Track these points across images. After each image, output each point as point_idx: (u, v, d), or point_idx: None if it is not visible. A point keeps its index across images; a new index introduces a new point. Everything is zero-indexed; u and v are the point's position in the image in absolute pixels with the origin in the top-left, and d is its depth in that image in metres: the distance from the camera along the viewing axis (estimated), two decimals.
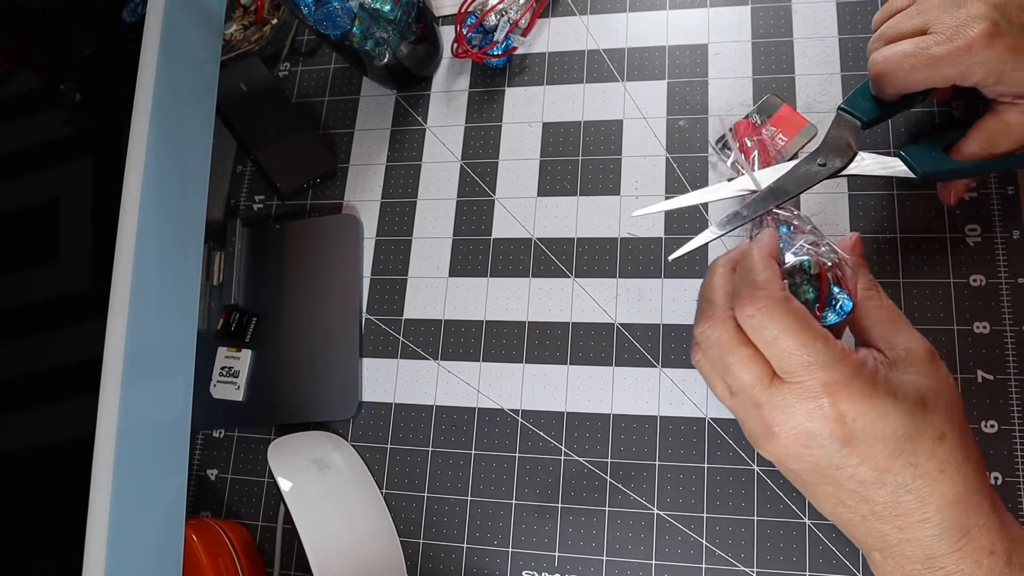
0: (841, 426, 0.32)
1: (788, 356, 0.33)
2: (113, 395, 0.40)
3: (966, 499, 0.32)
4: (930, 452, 0.32)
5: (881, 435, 0.32)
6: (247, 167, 0.64)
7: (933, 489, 0.32)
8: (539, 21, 0.61)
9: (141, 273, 0.43)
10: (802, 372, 0.32)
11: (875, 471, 0.33)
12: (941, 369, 0.35)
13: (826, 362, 0.32)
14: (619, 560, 0.48)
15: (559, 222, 0.56)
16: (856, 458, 0.32)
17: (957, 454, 0.32)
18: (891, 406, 0.32)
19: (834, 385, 0.32)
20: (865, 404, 0.32)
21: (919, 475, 0.32)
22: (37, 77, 0.50)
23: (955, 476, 0.32)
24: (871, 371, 0.33)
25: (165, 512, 0.44)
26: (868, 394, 0.32)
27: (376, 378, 0.56)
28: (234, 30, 0.64)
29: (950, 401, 0.34)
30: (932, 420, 0.32)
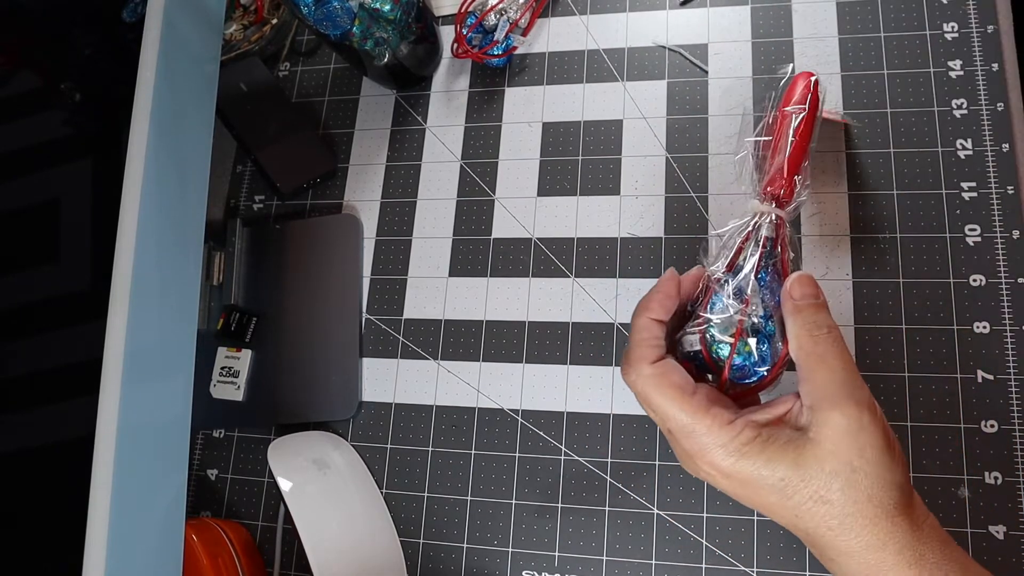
0: (722, 478, 0.35)
1: (662, 421, 0.37)
2: (113, 395, 0.40)
3: (863, 554, 0.33)
4: (811, 513, 0.33)
5: (759, 491, 0.34)
6: (247, 167, 0.64)
7: (825, 540, 0.34)
8: (539, 21, 0.61)
9: (141, 273, 0.43)
10: (677, 434, 0.36)
11: (770, 513, 0.35)
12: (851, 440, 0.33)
13: (692, 431, 0.35)
14: (619, 560, 0.48)
15: (559, 222, 0.56)
16: (747, 500, 0.36)
17: (846, 517, 0.33)
18: (757, 473, 0.34)
19: (702, 451, 0.35)
20: (733, 466, 0.34)
21: (809, 527, 0.34)
22: (37, 77, 0.50)
23: (845, 535, 0.33)
24: (742, 441, 0.34)
25: (165, 512, 0.44)
26: (731, 463, 0.34)
27: (376, 378, 0.56)
28: (234, 30, 0.64)
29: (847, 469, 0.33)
30: (812, 485, 0.33)
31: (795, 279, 0.37)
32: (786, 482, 0.34)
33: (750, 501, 0.36)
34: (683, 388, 0.36)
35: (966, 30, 0.53)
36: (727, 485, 0.36)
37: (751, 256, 0.38)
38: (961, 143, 0.51)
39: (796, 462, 0.34)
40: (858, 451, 0.33)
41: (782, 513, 0.35)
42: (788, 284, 0.37)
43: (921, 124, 0.52)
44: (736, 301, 0.37)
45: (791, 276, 0.37)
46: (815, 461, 0.33)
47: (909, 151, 0.51)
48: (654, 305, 0.39)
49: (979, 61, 0.52)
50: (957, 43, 0.53)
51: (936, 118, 0.52)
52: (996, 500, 0.45)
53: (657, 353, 0.38)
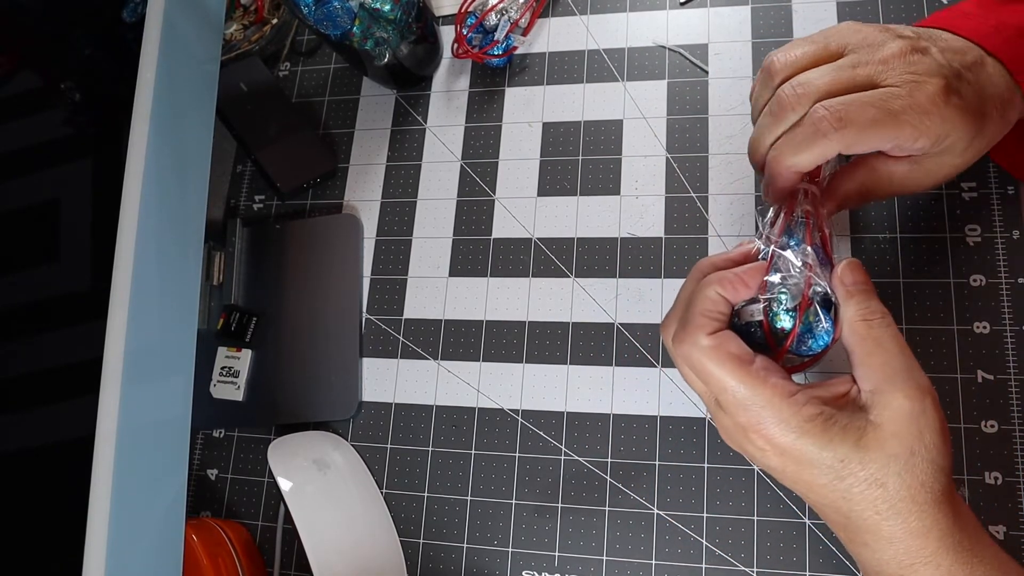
0: (775, 455, 0.35)
1: (719, 394, 0.36)
2: (113, 395, 0.40)
3: (905, 541, 0.33)
4: (862, 495, 0.33)
5: (813, 470, 0.34)
6: (247, 167, 0.64)
7: (868, 525, 0.34)
8: (539, 21, 0.61)
9: (141, 273, 0.43)
10: (731, 408, 0.35)
11: (814, 494, 0.35)
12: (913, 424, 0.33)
13: (750, 404, 0.34)
14: (619, 560, 0.48)
15: (559, 222, 0.56)
16: (793, 480, 0.35)
17: (898, 503, 0.33)
18: (817, 452, 0.33)
19: (759, 425, 0.34)
20: (789, 446, 0.34)
21: (853, 510, 0.34)
22: (37, 77, 0.50)
23: (892, 520, 0.33)
24: (804, 417, 0.34)
25: (165, 512, 0.44)
26: (792, 440, 0.34)
27: (376, 378, 0.56)
28: (234, 30, 0.64)
29: (907, 453, 0.33)
30: (869, 468, 0.33)
31: (846, 265, 0.37)
32: (844, 463, 0.33)
33: (796, 479, 0.35)
34: (742, 358, 0.35)
35: None
36: (778, 463, 0.35)
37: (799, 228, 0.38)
38: None
39: (858, 444, 0.33)
40: (918, 435, 0.33)
41: (828, 495, 0.34)
42: (840, 270, 0.37)
43: None
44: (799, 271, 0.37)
45: (842, 263, 0.37)
46: (876, 444, 0.33)
47: None
48: (728, 285, 0.37)
49: None
50: None
51: None
52: (996, 500, 0.45)
53: (717, 326, 0.36)
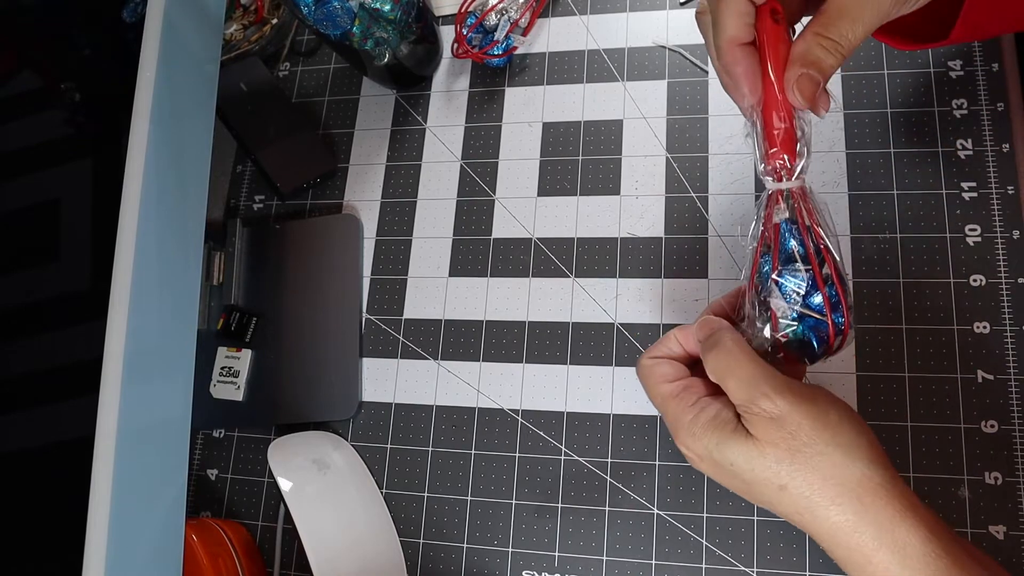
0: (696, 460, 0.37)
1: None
2: (113, 395, 0.40)
3: (839, 537, 0.33)
4: (775, 497, 0.34)
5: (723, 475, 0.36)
6: (247, 167, 0.64)
7: (804, 525, 0.34)
8: (539, 21, 0.61)
9: (141, 273, 0.43)
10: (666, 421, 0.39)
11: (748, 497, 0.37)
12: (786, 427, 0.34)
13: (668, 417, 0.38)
14: (619, 560, 0.48)
15: (559, 222, 0.56)
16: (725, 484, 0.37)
17: (806, 501, 0.33)
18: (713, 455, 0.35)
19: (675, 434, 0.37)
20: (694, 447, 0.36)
21: (782, 512, 0.35)
22: (37, 77, 0.50)
23: (814, 522, 0.34)
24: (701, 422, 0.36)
25: (165, 512, 0.44)
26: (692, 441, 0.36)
27: (376, 378, 0.56)
28: (234, 30, 0.64)
29: (792, 453, 0.34)
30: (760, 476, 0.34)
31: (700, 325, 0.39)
32: (736, 468, 0.35)
33: (732, 487, 0.37)
34: (666, 376, 0.39)
35: None
36: (706, 469, 0.37)
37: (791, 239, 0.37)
38: (961, 143, 0.51)
39: (743, 450, 0.35)
40: (791, 436, 0.33)
41: (756, 499, 0.36)
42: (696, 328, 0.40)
43: (921, 124, 0.52)
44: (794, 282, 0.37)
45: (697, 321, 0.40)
46: (755, 451, 0.34)
47: (909, 151, 0.51)
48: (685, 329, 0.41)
49: (979, 61, 0.52)
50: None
51: (936, 118, 0.52)
52: (996, 500, 0.45)
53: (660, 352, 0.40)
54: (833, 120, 0.53)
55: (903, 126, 0.52)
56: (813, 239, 0.37)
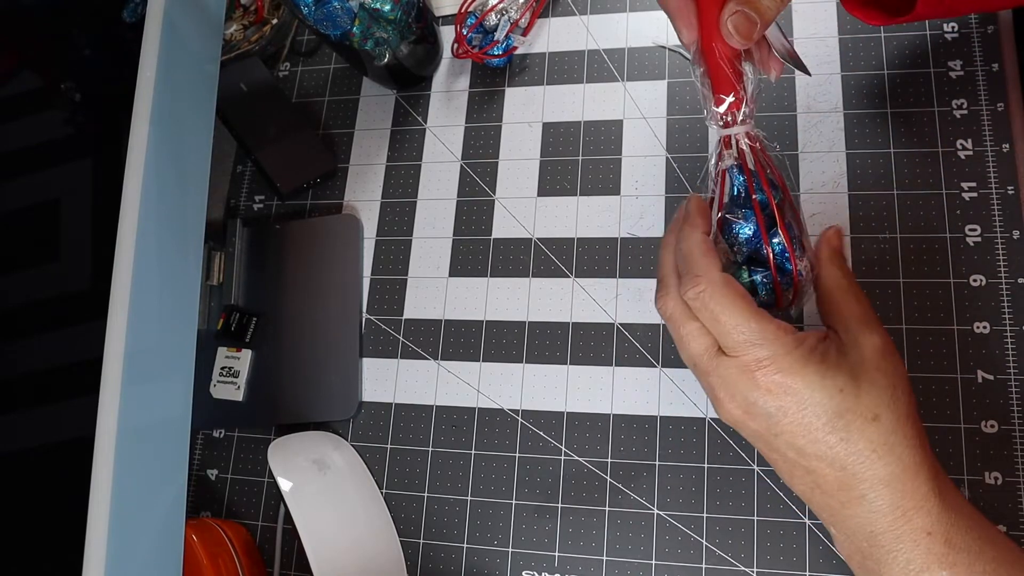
0: (775, 397, 0.35)
1: (727, 334, 0.35)
2: (113, 395, 0.40)
3: (901, 481, 0.34)
4: (861, 431, 0.34)
5: (812, 408, 0.34)
6: (247, 167, 0.64)
7: (866, 467, 0.34)
8: (539, 21, 0.61)
9: (141, 273, 0.43)
10: (739, 348, 0.35)
11: (810, 443, 0.34)
12: (889, 360, 0.36)
13: (760, 340, 0.35)
14: (619, 560, 0.48)
15: (559, 222, 0.56)
16: (791, 427, 0.35)
17: (892, 436, 0.34)
18: (820, 382, 0.34)
19: (767, 360, 0.34)
20: (795, 378, 0.34)
21: (852, 452, 0.34)
22: (37, 77, 0.50)
23: (887, 457, 0.34)
24: (807, 349, 0.35)
25: (165, 512, 0.44)
26: (797, 370, 0.34)
27: (376, 378, 0.56)
28: (234, 30, 0.64)
29: (891, 386, 0.35)
30: (864, 400, 0.34)
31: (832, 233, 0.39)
32: (844, 394, 0.34)
33: (795, 427, 0.35)
34: (748, 297, 0.36)
35: (966, 30, 0.53)
36: (778, 406, 0.35)
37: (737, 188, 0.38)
38: (961, 143, 0.51)
39: (852, 373, 0.35)
40: (895, 370, 0.35)
41: (827, 439, 0.34)
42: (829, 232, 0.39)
43: (921, 124, 0.52)
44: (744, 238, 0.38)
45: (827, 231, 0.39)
46: (866, 376, 0.35)
47: (909, 151, 0.51)
48: (699, 221, 0.38)
49: (979, 61, 0.52)
50: (957, 43, 0.53)
51: (936, 118, 0.52)
52: (996, 500, 0.45)
53: (720, 264, 0.37)
54: (833, 120, 0.53)
55: (903, 126, 0.52)
56: (760, 185, 0.37)
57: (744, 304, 0.35)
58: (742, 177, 0.37)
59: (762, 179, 0.37)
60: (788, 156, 0.53)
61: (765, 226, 0.37)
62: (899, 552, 0.34)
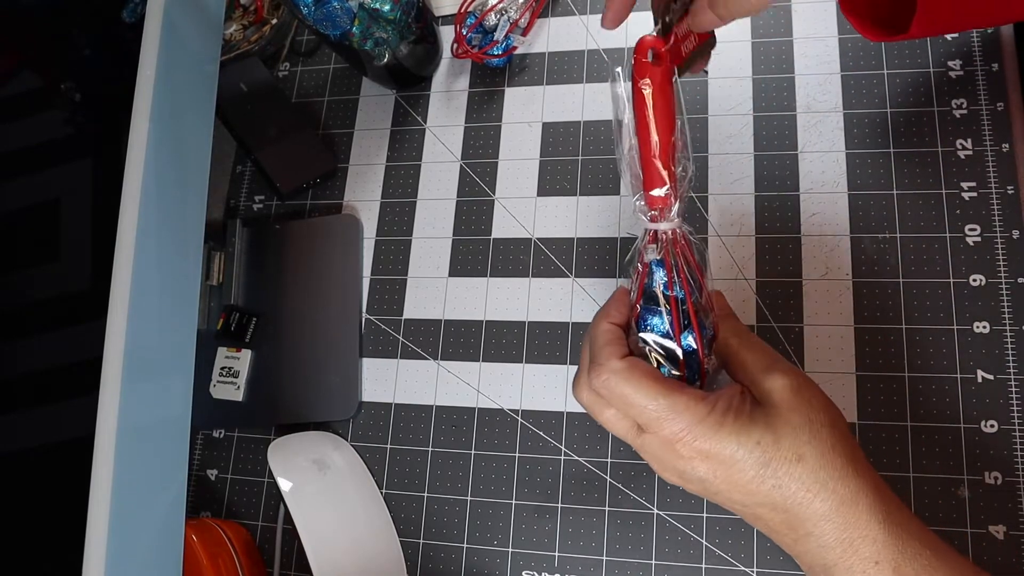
0: (700, 463, 0.36)
1: (640, 414, 0.36)
2: (113, 395, 0.40)
3: (840, 513, 0.34)
4: (788, 474, 0.34)
5: (737, 466, 0.35)
6: (247, 167, 0.64)
7: (804, 507, 0.34)
8: (539, 21, 0.61)
9: (141, 273, 0.43)
10: (655, 425, 0.36)
11: (747, 495, 0.36)
12: (801, 396, 0.36)
13: (671, 414, 0.36)
14: (619, 560, 0.48)
15: (559, 222, 0.56)
16: (724, 486, 0.36)
17: (820, 472, 0.34)
18: (737, 440, 0.35)
19: (682, 431, 0.35)
20: (712, 443, 0.35)
21: (787, 496, 0.35)
22: (37, 77, 0.50)
23: (822, 493, 0.34)
24: (719, 412, 0.36)
25: (165, 512, 0.44)
26: (712, 435, 0.35)
27: (376, 378, 0.56)
28: (234, 30, 0.64)
29: (808, 422, 0.35)
30: (784, 445, 0.35)
31: (716, 294, 0.41)
32: (763, 446, 0.35)
33: (728, 483, 0.36)
34: (654, 374, 0.37)
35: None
36: (706, 469, 0.36)
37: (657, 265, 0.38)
38: (961, 143, 0.51)
39: (767, 425, 0.35)
40: (808, 403, 0.36)
41: (761, 488, 0.35)
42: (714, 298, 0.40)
43: (921, 124, 0.52)
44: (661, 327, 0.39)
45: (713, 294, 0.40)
46: (781, 421, 0.35)
47: (909, 151, 0.51)
48: (612, 311, 0.40)
49: (979, 61, 0.52)
50: (957, 43, 0.53)
51: (936, 118, 0.52)
52: (996, 500, 0.45)
53: (624, 351, 0.38)
54: (833, 120, 0.53)
55: (903, 126, 0.52)
56: (679, 284, 0.38)
57: (650, 382, 0.36)
58: (663, 271, 0.38)
59: (682, 278, 0.38)
60: (788, 156, 0.53)
61: (679, 323, 0.38)
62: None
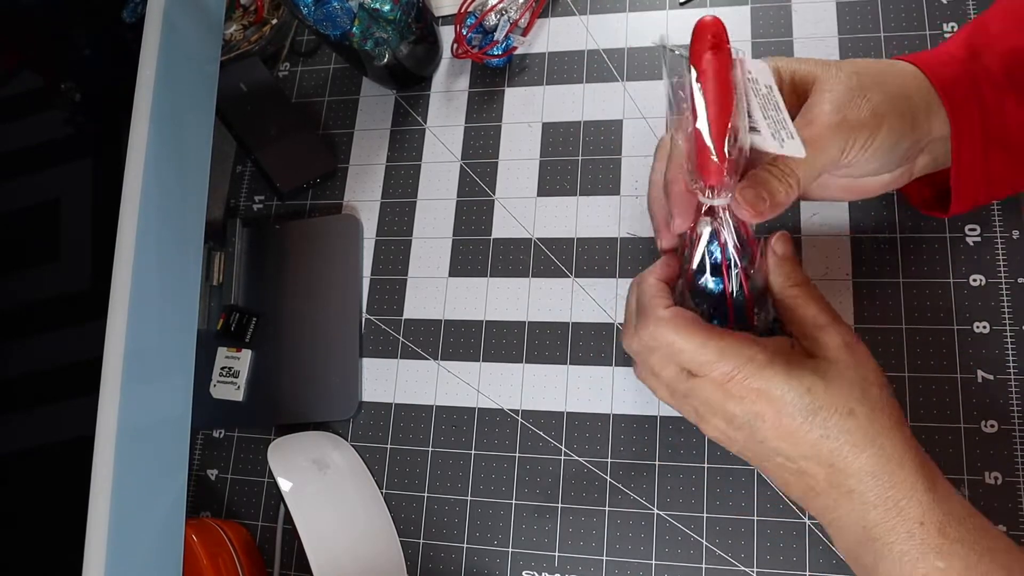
0: (749, 403, 0.35)
1: (690, 360, 0.37)
2: (113, 395, 0.40)
3: (888, 471, 0.34)
4: (838, 426, 0.34)
5: (787, 409, 0.35)
6: (247, 167, 0.64)
7: (850, 461, 0.34)
8: (539, 21, 0.61)
9: (141, 273, 0.43)
10: (705, 368, 0.36)
11: (793, 445, 0.35)
12: (855, 354, 0.36)
13: (721, 357, 0.35)
14: (619, 560, 0.48)
15: (559, 222, 0.56)
16: (771, 431, 0.35)
17: (870, 428, 0.34)
18: (787, 382, 0.35)
19: (733, 371, 0.35)
20: (763, 382, 0.35)
21: (833, 448, 0.34)
22: (37, 77, 0.50)
23: (869, 449, 0.34)
24: (769, 354, 0.35)
25: (165, 512, 0.44)
26: (764, 374, 0.35)
27: (376, 378, 0.56)
28: (234, 30, 0.64)
29: (861, 379, 0.35)
30: (835, 397, 0.34)
31: (777, 238, 0.40)
32: (814, 393, 0.34)
33: (775, 432, 0.35)
34: (702, 323, 0.37)
35: None
36: (757, 411, 0.35)
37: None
38: None
39: (819, 372, 0.35)
40: (864, 363, 0.36)
41: (808, 437, 0.35)
42: (773, 242, 0.40)
43: None
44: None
45: (772, 237, 0.39)
46: (834, 373, 0.35)
47: None
48: (658, 269, 0.40)
49: None
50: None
51: None
52: (996, 500, 0.45)
53: (669, 302, 0.38)
54: None
55: None
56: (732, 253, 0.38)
57: (697, 329, 0.36)
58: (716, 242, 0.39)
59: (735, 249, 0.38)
60: None
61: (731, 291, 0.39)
62: (893, 544, 0.34)
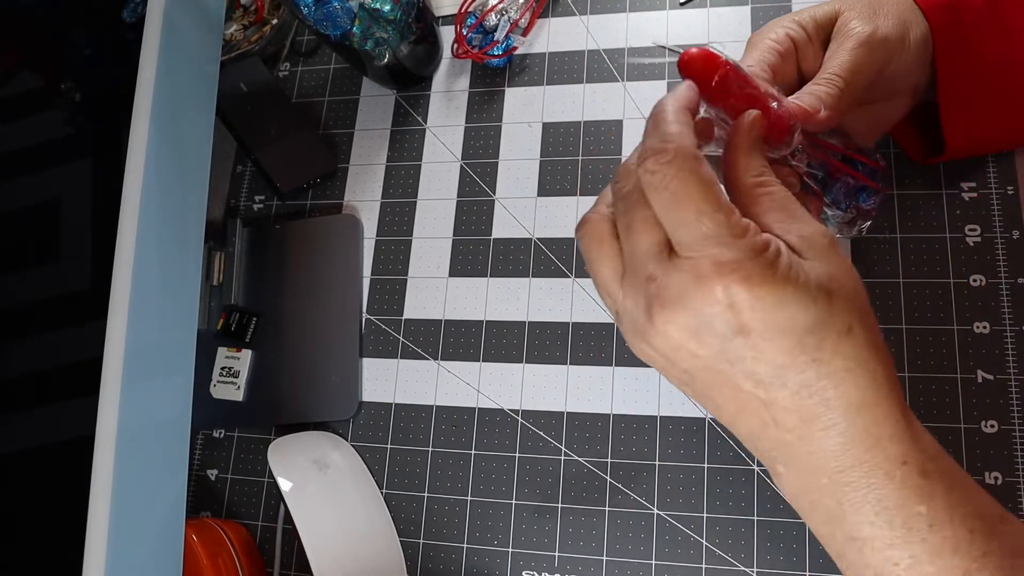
0: (736, 314, 0.28)
1: (687, 224, 0.29)
2: (113, 395, 0.40)
3: (875, 404, 0.29)
4: (835, 348, 0.29)
5: (781, 326, 0.28)
6: (247, 167, 0.64)
7: (839, 391, 0.29)
8: (539, 21, 0.61)
9: (141, 273, 0.43)
10: (697, 246, 0.29)
11: (774, 368, 0.29)
12: (840, 256, 0.30)
13: (722, 237, 0.28)
14: (619, 560, 0.48)
15: (559, 222, 0.56)
16: (752, 351, 0.29)
17: (864, 352, 0.29)
18: (794, 292, 0.28)
19: (728, 265, 0.28)
20: (762, 290, 0.28)
21: (824, 373, 0.29)
22: (37, 77, 0.50)
23: (863, 377, 0.29)
24: (772, 254, 0.29)
25: (165, 512, 0.44)
26: (766, 279, 0.28)
27: (376, 378, 0.56)
28: (234, 30, 0.64)
29: (857, 291, 0.30)
30: (837, 311, 0.29)
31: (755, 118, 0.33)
32: (818, 304, 0.28)
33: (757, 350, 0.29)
34: (717, 185, 0.29)
35: None
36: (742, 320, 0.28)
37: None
38: None
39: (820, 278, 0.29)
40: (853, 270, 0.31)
41: (795, 362, 0.29)
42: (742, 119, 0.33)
43: None
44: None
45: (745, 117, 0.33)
46: (833, 280, 0.29)
47: None
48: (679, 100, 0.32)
49: None
50: None
51: None
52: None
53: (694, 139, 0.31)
54: None
55: None
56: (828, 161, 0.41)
57: (713, 191, 0.29)
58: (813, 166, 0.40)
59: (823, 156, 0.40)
60: None
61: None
62: (870, 488, 0.29)
